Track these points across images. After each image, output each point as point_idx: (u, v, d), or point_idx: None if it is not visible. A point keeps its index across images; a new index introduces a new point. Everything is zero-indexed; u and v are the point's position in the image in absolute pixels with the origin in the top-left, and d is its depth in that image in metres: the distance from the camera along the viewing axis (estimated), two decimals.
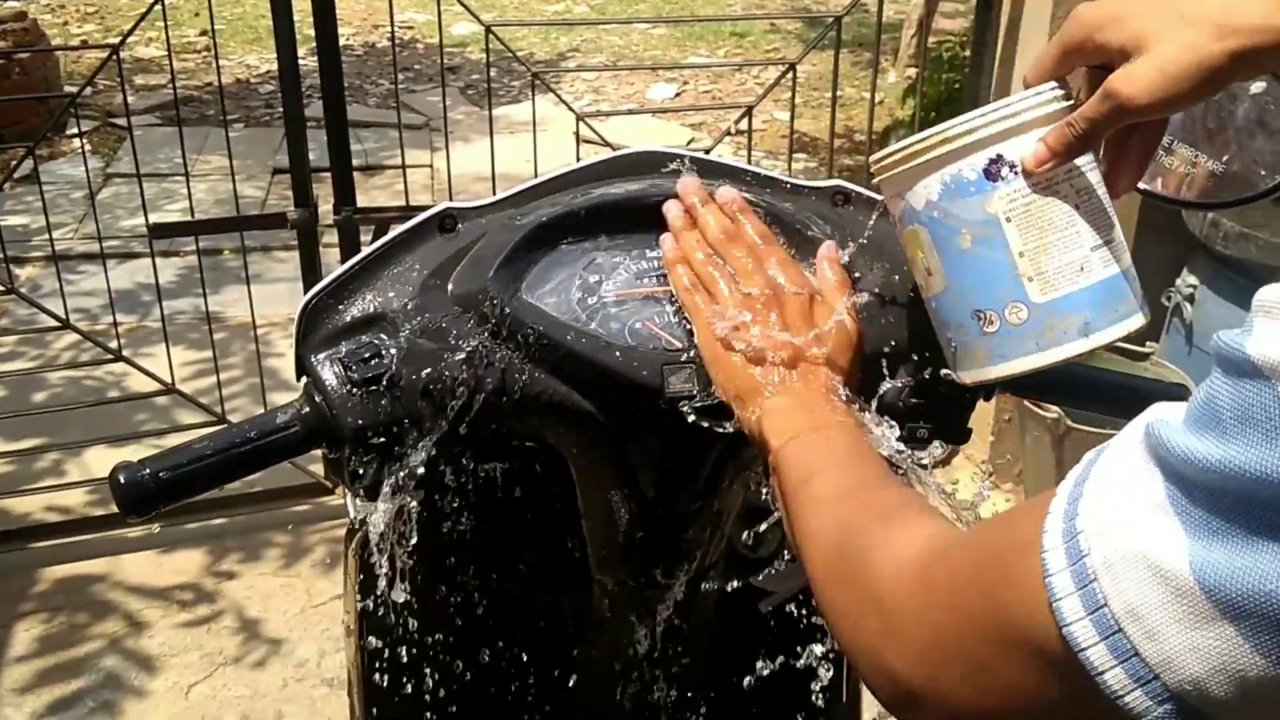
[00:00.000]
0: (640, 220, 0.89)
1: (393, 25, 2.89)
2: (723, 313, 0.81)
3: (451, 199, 0.94)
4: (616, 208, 0.88)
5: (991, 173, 0.69)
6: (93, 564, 2.61)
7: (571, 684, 1.02)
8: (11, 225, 4.49)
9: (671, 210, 0.86)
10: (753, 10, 8.03)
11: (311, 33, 2.29)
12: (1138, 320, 0.73)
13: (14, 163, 2.95)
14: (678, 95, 6.67)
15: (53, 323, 2.73)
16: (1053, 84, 0.70)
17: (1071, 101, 0.70)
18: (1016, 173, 0.69)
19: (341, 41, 2.58)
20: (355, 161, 2.49)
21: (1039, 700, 0.49)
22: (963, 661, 0.52)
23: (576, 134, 2.60)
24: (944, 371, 0.79)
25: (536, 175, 0.91)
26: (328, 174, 2.42)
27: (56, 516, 2.73)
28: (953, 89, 4.28)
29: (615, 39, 7.94)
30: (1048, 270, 0.70)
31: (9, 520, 2.70)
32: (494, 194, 0.90)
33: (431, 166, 4.95)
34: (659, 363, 0.82)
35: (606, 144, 2.69)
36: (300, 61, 2.38)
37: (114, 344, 2.73)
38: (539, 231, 0.87)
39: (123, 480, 0.78)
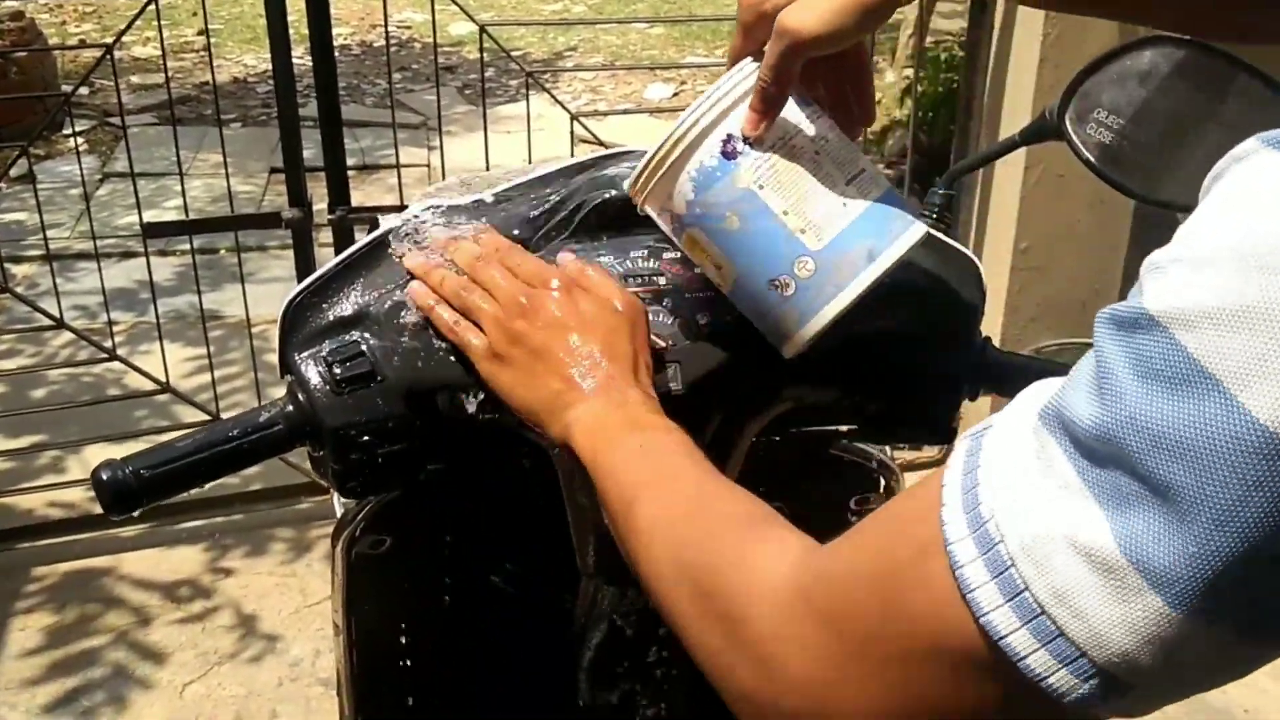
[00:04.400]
0: (626, 219, 0.89)
1: (386, 24, 2.89)
2: (487, 330, 0.79)
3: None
4: (601, 206, 0.88)
5: (728, 152, 0.73)
6: (91, 561, 2.61)
7: (561, 683, 1.02)
8: (7, 224, 4.49)
9: (412, 259, 0.84)
10: None
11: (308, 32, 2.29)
12: (917, 230, 0.76)
13: (9, 161, 2.95)
14: (675, 95, 6.67)
15: (48, 322, 2.73)
16: (749, 59, 0.74)
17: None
18: (749, 144, 0.73)
19: (339, 41, 2.58)
20: (352, 160, 2.49)
21: (950, 702, 0.48)
22: (862, 682, 0.49)
23: (571, 133, 2.60)
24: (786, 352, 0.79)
25: (526, 174, 0.91)
26: (324, 173, 2.43)
27: (57, 513, 2.73)
28: (950, 89, 4.27)
29: (613, 38, 7.94)
30: (814, 218, 0.73)
31: (9, 518, 2.70)
32: (485, 192, 0.90)
33: (428, 166, 4.95)
34: None
35: (601, 143, 2.69)
36: (297, 61, 2.38)
37: (110, 342, 2.73)
38: (522, 230, 0.87)
39: (105, 478, 0.78)
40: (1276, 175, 0.40)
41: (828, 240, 0.73)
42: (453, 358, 0.82)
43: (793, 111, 0.74)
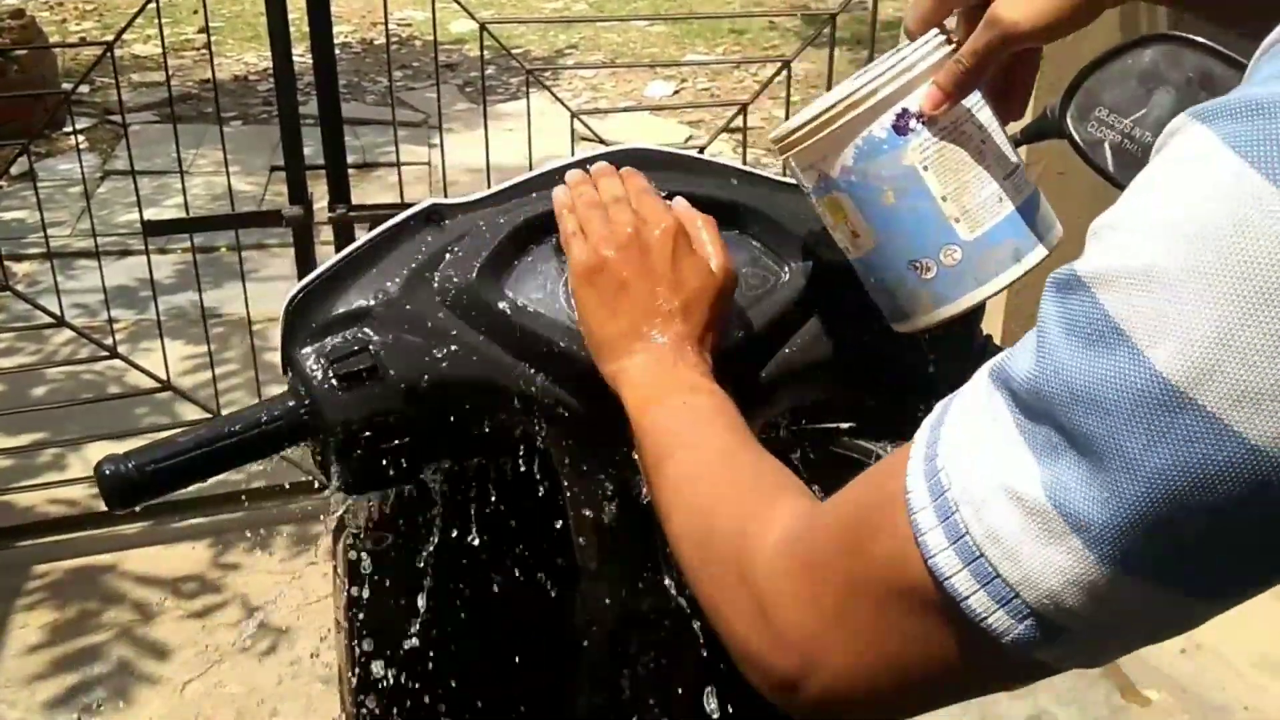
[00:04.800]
0: None
1: (387, 22, 2.89)
2: (590, 249, 0.81)
3: (446, 195, 0.94)
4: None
5: (900, 127, 0.71)
6: (92, 559, 2.62)
7: (560, 680, 1.03)
8: (8, 222, 4.49)
9: (572, 173, 0.87)
10: (751, 8, 8.03)
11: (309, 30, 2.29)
12: (1057, 233, 0.76)
13: (10, 159, 2.95)
14: (676, 93, 6.67)
15: (48, 320, 2.73)
16: (935, 31, 0.72)
17: (953, 46, 0.72)
18: (923, 122, 0.71)
19: (340, 39, 2.58)
20: (353, 158, 2.49)
21: (917, 650, 0.51)
22: (841, 630, 0.52)
23: (572, 131, 2.60)
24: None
25: (531, 172, 0.91)
26: (324, 171, 2.42)
27: (58, 511, 2.73)
28: None
29: (613, 36, 7.94)
30: (971, 208, 0.73)
31: (10, 515, 2.70)
32: (487, 190, 0.90)
33: (429, 163, 4.95)
34: None
35: (602, 141, 2.69)
36: (298, 59, 2.38)
37: (110, 340, 2.73)
38: (526, 227, 0.87)
39: (108, 473, 0.79)
40: (1196, 146, 0.42)
41: (979, 233, 0.73)
42: (453, 356, 0.83)
43: (970, 97, 0.73)
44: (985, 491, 0.46)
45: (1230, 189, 0.40)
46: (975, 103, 0.73)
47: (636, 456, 0.74)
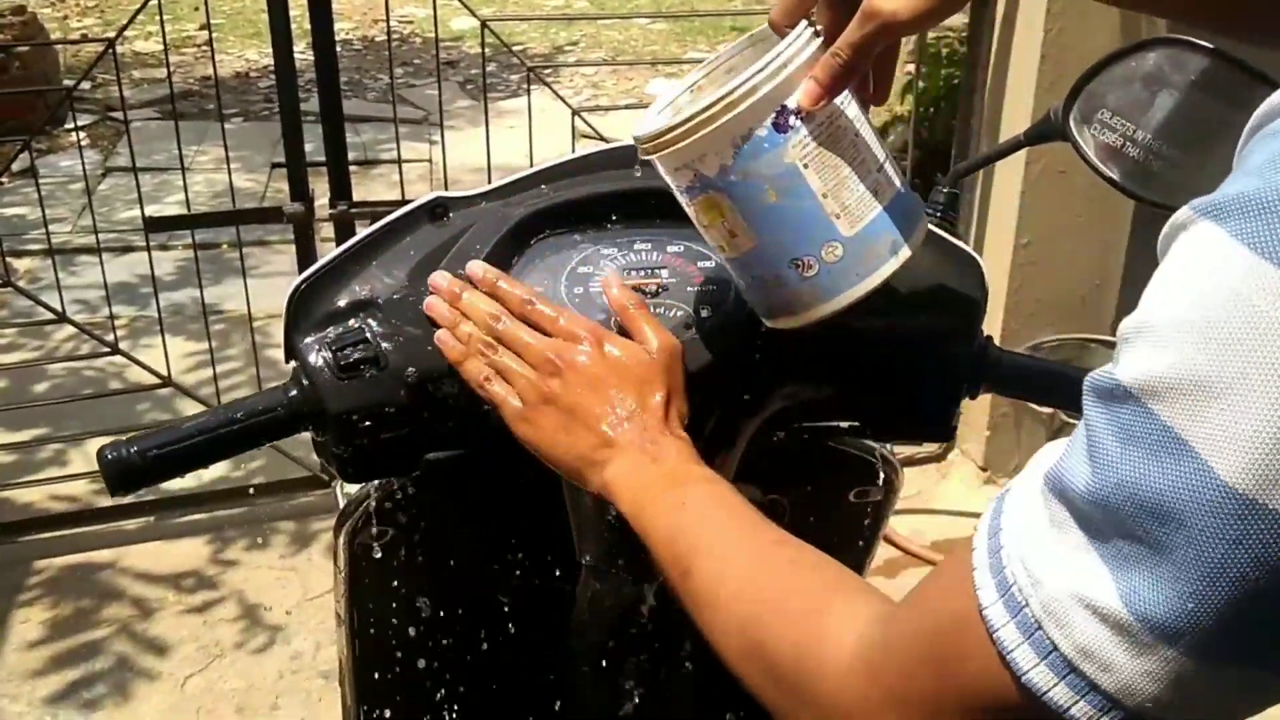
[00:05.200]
0: (630, 212, 0.89)
1: (388, 19, 2.89)
2: (519, 391, 0.79)
3: (447, 191, 0.95)
4: (605, 200, 0.89)
5: (780, 125, 0.70)
6: (93, 554, 2.62)
7: (562, 674, 1.03)
8: (10, 218, 4.49)
9: (438, 309, 0.83)
10: (752, 5, 8.02)
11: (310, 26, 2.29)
12: (925, 225, 0.76)
13: (12, 156, 2.96)
14: None
15: (50, 316, 2.73)
16: (804, 24, 0.71)
17: (822, 38, 0.71)
18: (801, 118, 0.70)
19: (341, 36, 2.58)
20: (354, 155, 2.50)
21: None
22: None
23: (573, 128, 2.60)
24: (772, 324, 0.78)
25: (534, 167, 0.92)
26: (325, 168, 2.43)
27: (59, 506, 2.73)
28: (952, 84, 4.27)
29: (614, 34, 7.94)
30: (850, 204, 0.72)
31: (11, 511, 2.71)
32: (491, 184, 0.91)
33: (430, 160, 4.94)
34: None
35: (603, 139, 2.69)
36: (299, 56, 2.38)
37: (111, 336, 2.74)
38: (528, 222, 0.87)
39: (110, 457, 0.79)
40: (1212, 248, 0.43)
41: (859, 228, 0.72)
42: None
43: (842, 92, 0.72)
44: (1065, 605, 0.46)
45: (1256, 290, 0.41)
46: (843, 98, 0.72)
47: (655, 562, 0.73)
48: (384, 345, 0.83)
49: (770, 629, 0.62)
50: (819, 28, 0.71)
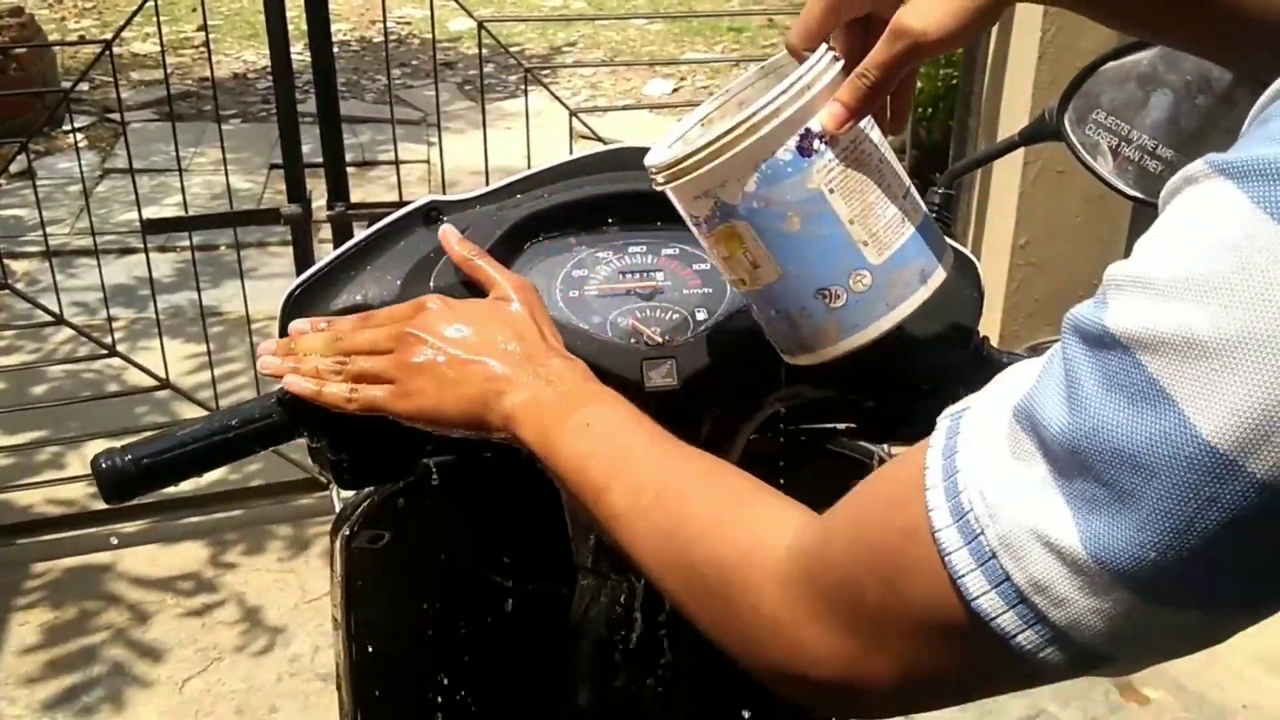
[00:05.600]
0: (624, 215, 0.89)
1: (385, 20, 2.89)
2: (387, 378, 0.77)
3: (445, 193, 0.94)
4: (600, 202, 0.88)
5: (804, 149, 0.68)
6: (90, 557, 2.62)
7: (559, 677, 1.03)
8: (7, 220, 4.49)
9: (271, 365, 0.80)
10: (750, 6, 8.03)
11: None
12: (950, 253, 0.74)
13: (9, 157, 2.96)
14: (674, 91, 6.67)
15: (47, 318, 2.73)
16: (825, 46, 0.69)
17: (844, 61, 0.69)
18: (825, 142, 0.68)
19: (339, 37, 2.58)
20: (352, 156, 2.49)
21: (960, 667, 0.52)
22: (882, 655, 0.53)
23: (570, 129, 2.60)
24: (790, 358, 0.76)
25: (529, 169, 0.92)
26: (323, 169, 2.42)
27: (56, 510, 2.73)
28: (949, 85, 4.27)
29: (612, 34, 7.94)
30: (877, 230, 0.70)
31: (8, 514, 2.71)
32: (486, 188, 0.91)
33: (428, 161, 4.95)
34: (639, 357, 0.82)
35: (600, 140, 2.69)
36: (297, 57, 2.38)
37: (109, 339, 2.74)
38: (523, 225, 0.87)
39: (104, 466, 0.79)
40: (1225, 206, 0.42)
41: (887, 255, 0.70)
42: None
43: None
44: (1022, 539, 0.46)
45: (1266, 254, 0.40)
46: (867, 122, 0.70)
47: (564, 489, 0.71)
48: None
49: (694, 538, 0.62)
50: (837, 53, 0.70)
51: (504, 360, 0.75)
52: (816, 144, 0.68)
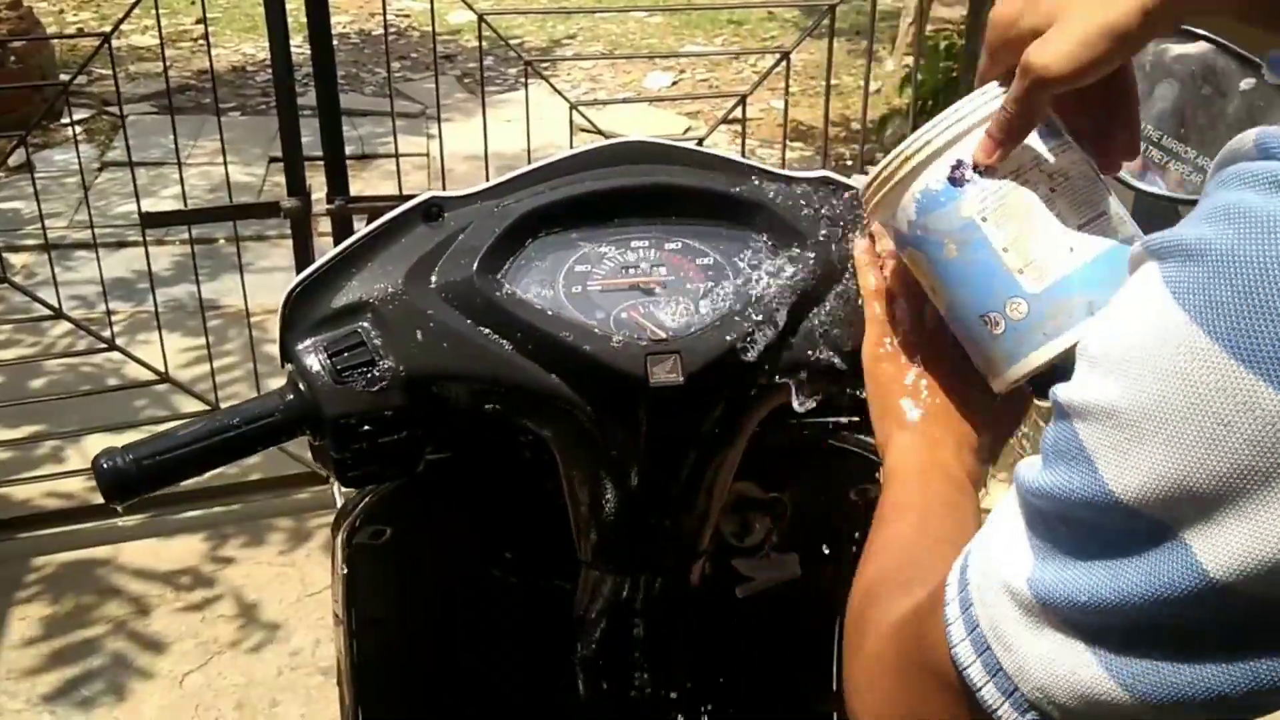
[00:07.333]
0: (627, 210, 0.89)
1: (385, 13, 2.88)
2: (895, 331, 0.79)
3: (445, 186, 0.94)
4: (602, 197, 0.88)
5: (956, 178, 0.69)
6: (90, 551, 2.62)
7: (560, 671, 1.03)
8: (5, 213, 4.49)
9: (864, 258, 0.83)
10: None
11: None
12: None
13: (8, 150, 2.95)
14: (674, 84, 6.66)
15: (46, 311, 2.73)
16: (994, 83, 0.70)
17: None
18: (979, 172, 0.69)
19: (338, 30, 2.57)
20: (351, 149, 2.49)
21: None
22: (908, 709, 0.59)
23: (570, 122, 2.59)
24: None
25: (529, 164, 0.91)
26: (323, 162, 2.42)
27: (56, 503, 2.73)
28: (950, 77, 4.27)
29: (612, 27, 7.92)
30: (1037, 259, 0.69)
31: (8, 508, 2.70)
32: (487, 181, 0.90)
33: (427, 154, 4.94)
34: (643, 352, 0.82)
35: (600, 133, 2.68)
36: (296, 49, 2.37)
37: (108, 332, 2.73)
38: (525, 221, 0.87)
39: (105, 466, 0.79)
40: (1147, 285, 0.46)
41: (1046, 284, 0.69)
42: (452, 350, 0.82)
43: (1034, 140, 0.69)
44: (992, 586, 0.51)
45: (1164, 336, 0.44)
46: (1053, 146, 0.69)
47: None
48: (380, 348, 0.82)
49: (873, 587, 0.68)
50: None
51: (928, 416, 0.79)
52: (968, 173, 0.69)
